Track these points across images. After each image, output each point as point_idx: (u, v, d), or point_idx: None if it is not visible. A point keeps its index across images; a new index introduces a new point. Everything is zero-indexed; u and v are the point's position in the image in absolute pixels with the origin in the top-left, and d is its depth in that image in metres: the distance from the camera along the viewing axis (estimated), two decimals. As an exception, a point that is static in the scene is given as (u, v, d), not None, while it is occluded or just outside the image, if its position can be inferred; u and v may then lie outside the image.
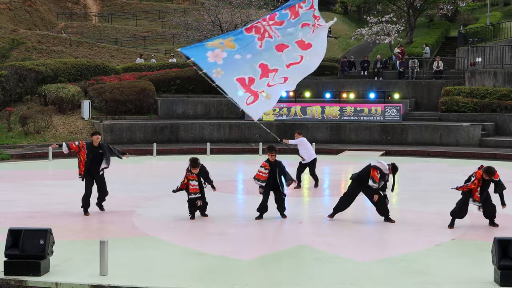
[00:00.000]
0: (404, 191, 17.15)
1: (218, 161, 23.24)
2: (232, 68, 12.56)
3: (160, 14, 55.48)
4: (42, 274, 8.75)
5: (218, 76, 12.45)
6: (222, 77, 12.45)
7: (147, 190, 16.61)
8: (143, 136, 28.97)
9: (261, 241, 11.48)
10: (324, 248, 10.62)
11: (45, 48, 40.34)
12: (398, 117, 29.59)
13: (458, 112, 30.34)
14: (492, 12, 46.30)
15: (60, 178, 19.14)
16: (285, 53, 12.87)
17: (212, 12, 36.03)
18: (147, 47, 46.42)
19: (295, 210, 13.86)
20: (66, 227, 12.02)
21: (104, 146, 13.47)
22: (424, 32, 46.44)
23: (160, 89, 33.22)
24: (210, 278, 8.84)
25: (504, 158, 24.14)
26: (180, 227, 12.35)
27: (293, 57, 12.91)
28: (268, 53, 12.82)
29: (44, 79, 31.91)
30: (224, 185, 17.86)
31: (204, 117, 31.82)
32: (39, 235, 8.87)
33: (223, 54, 12.57)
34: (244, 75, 12.59)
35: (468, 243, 11.13)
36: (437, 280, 8.70)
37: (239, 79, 12.56)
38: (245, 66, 12.63)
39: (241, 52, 12.68)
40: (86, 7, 56.02)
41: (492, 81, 32.23)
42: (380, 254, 10.28)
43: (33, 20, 48.11)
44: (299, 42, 12.97)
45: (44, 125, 28.90)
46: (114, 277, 8.68)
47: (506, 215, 13.49)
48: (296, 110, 30.20)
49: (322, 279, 8.80)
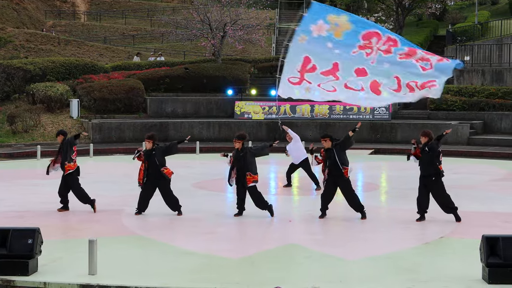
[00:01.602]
0: (392, 189, 17.23)
1: (208, 159, 23.21)
2: (313, 45, 12.48)
3: (149, 12, 55.28)
4: (31, 274, 8.71)
5: (300, 42, 12.43)
6: (299, 45, 12.38)
7: (136, 189, 16.51)
8: (132, 135, 28.87)
9: (250, 239, 11.48)
10: (314, 246, 10.63)
11: (33, 46, 40.12)
12: (387, 115, 29.67)
13: (447, 111, 30.45)
14: (480, 11, 46.49)
15: (48, 177, 18.99)
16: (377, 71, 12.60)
17: (201, 11, 35.91)
18: (136, 46, 46.25)
19: (285, 208, 13.87)
20: (55, 226, 11.97)
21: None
22: (413, 30, 46.54)
23: (149, 87, 33.11)
24: (199, 277, 8.83)
25: (492, 157, 24.26)
26: (169, 226, 12.33)
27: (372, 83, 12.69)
28: (353, 61, 12.64)
29: (32, 77, 31.72)
30: (213, 184, 17.86)
31: (193, 116, 31.75)
32: (27, 234, 8.82)
33: (324, 32, 12.47)
34: (313, 59, 12.48)
35: (456, 241, 11.18)
36: (426, 278, 8.74)
37: (306, 58, 12.47)
38: (323, 54, 12.55)
39: (337, 44, 12.55)
40: (75, 6, 55.71)
41: (480, 79, 32.39)
42: (369, 252, 10.31)
43: (21, 18, 47.82)
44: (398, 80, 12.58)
45: (33, 124, 28.75)
46: (103, 277, 8.66)
47: (493, 213, 13.58)
48: (285, 108, 30.21)
49: (311, 277, 8.81)
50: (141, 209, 13.09)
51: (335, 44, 12.58)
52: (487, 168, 21.10)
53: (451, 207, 12.39)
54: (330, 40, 12.53)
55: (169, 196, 12.96)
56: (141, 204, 13.09)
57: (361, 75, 12.59)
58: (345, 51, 12.60)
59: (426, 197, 12.42)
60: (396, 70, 12.46)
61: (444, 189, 12.33)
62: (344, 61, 12.63)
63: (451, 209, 12.41)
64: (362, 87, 12.65)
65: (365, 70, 12.60)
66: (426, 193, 12.39)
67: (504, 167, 21.68)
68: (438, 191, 12.30)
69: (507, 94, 30.09)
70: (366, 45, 12.50)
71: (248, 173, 12.54)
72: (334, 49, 12.57)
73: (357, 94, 12.76)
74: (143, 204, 13.08)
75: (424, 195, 12.41)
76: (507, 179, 18.89)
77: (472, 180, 18.24)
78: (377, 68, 12.51)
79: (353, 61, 12.62)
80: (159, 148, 13.03)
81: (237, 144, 12.71)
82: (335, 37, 12.54)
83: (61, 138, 13.61)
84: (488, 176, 19.38)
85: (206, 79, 33.67)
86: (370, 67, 12.57)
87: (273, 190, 16.90)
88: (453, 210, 12.42)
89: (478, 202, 14.62)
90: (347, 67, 12.62)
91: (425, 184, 12.37)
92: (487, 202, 14.94)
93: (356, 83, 12.62)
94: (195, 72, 33.84)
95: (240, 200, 12.89)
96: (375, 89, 12.54)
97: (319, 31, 12.44)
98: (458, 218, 12.37)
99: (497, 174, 19.93)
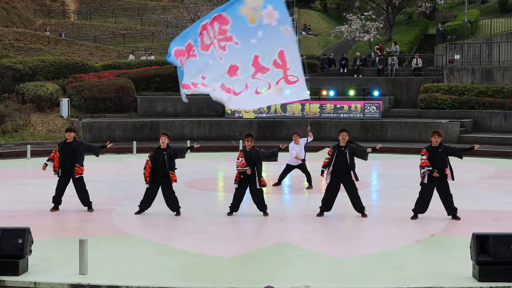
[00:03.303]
0: (383, 188, 17.26)
1: (199, 158, 23.18)
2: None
3: (139, 11, 55.17)
4: (21, 274, 8.66)
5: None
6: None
7: (127, 188, 16.53)
8: (123, 134, 28.81)
9: (241, 238, 11.47)
10: (305, 245, 10.64)
11: (23, 45, 39.92)
12: (377, 114, 29.73)
13: (437, 109, 30.57)
14: (469, 9, 46.69)
15: (38, 176, 18.95)
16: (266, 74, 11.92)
17: (191, 10, 35.93)
18: (126, 45, 46.13)
19: (276, 207, 13.87)
20: (45, 226, 11.91)
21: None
22: (403, 29, 46.67)
23: (140, 86, 33.05)
24: (191, 276, 8.82)
25: (482, 155, 24.34)
26: (159, 225, 12.30)
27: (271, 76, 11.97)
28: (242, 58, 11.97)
29: (22, 77, 31.58)
30: (204, 183, 17.85)
31: (184, 115, 31.71)
32: (17, 234, 8.78)
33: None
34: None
35: (447, 239, 11.21)
36: (417, 276, 8.76)
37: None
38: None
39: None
40: (64, 5, 55.48)
41: (470, 78, 32.51)
42: (360, 250, 10.33)
43: (10, 17, 47.56)
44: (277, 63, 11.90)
45: (22, 124, 28.62)
46: (94, 276, 8.63)
47: (483, 211, 13.63)
48: (276, 107, 30.22)
49: (302, 276, 8.81)
50: (144, 208, 13.04)
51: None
52: (477, 166, 21.18)
53: (451, 207, 12.47)
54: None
55: (171, 196, 12.93)
56: (144, 204, 13.04)
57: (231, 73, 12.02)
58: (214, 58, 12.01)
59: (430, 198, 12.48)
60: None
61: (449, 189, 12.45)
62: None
63: (451, 209, 12.48)
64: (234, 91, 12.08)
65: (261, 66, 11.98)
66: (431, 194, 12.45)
67: (493, 165, 21.79)
68: (445, 190, 12.40)
69: (497, 92, 30.24)
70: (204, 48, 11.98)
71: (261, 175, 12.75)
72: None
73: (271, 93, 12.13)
74: (147, 204, 13.04)
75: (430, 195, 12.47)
76: (497, 177, 18.98)
77: (462, 178, 18.27)
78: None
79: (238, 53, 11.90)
80: (170, 148, 12.96)
81: (248, 142, 12.70)
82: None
83: (73, 135, 13.43)
84: (478, 174, 19.46)
85: (196, 78, 33.57)
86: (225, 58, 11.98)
87: (265, 189, 16.86)
88: (452, 210, 12.49)
89: (468, 200, 14.68)
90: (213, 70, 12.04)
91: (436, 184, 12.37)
92: (477, 200, 15.00)
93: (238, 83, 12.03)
94: (186, 71, 33.73)
95: (240, 201, 12.92)
96: (233, 72, 12.06)
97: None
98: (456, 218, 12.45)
99: (487, 172, 20.02)
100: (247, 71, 11.91)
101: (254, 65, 11.88)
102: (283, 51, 11.79)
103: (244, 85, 11.98)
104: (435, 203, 12.53)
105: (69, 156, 13.15)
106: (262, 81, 11.95)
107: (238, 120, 30.04)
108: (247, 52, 11.87)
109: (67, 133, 13.43)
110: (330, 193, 12.79)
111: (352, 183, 12.64)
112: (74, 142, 13.34)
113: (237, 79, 11.98)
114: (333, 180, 12.66)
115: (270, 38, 11.75)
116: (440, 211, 12.60)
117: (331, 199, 12.79)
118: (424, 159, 12.25)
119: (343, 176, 12.55)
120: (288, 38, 11.75)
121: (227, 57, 11.88)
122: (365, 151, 12.66)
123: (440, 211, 12.61)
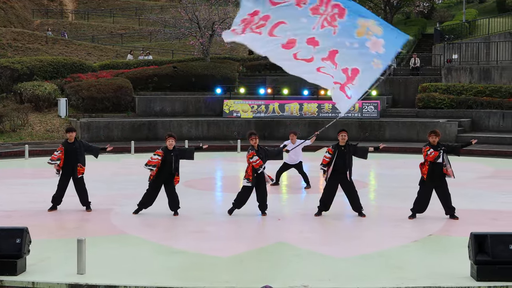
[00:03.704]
0: (381, 187, 17.28)
1: (197, 158, 23.10)
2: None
3: (137, 11, 55.15)
4: (19, 274, 8.66)
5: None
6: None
7: (125, 188, 16.52)
8: (121, 134, 28.80)
9: (240, 238, 11.47)
10: (303, 244, 10.64)
11: (21, 45, 39.88)
12: (375, 113, 29.76)
13: (435, 109, 30.59)
14: (467, 9, 46.72)
15: (36, 176, 18.95)
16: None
17: (189, 10, 35.86)
18: (124, 45, 46.09)
19: (274, 207, 13.87)
20: (43, 226, 11.90)
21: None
22: (401, 29, 46.43)
23: (138, 86, 33.03)
24: (189, 276, 8.82)
25: (480, 154, 24.39)
26: (158, 225, 12.30)
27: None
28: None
29: (19, 76, 31.56)
30: (202, 183, 17.85)
31: (182, 115, 31.70)
32: (15, 234, 8.77)
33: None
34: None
35: (445, 239, 11.22)
36: (415, 276, 8.76)
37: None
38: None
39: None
40: (62, 4, 55.45)
41: (468, 77, 32.54)
42: (358, 250, 10.33)
43: (8, 17, 47.52)
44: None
45: (20, 123, 28.60)
46: (92, 276, 8.62)
47: (481, 210, 13.64)
48: (274, 107, 30.23)
49: (300, 275, 8.81)
50: (143, 207, 13.04)
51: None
52: (475, 165, 21.20)
53: (450, 206, 12.48)
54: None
55: (173, 195, 12.93)
56: (144, 204, 13.03)
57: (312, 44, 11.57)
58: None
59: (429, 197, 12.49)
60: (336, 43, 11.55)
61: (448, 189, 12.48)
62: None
63: (449, 208, 12.49)
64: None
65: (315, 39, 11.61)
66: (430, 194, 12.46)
67: (491, 164, 21.81)
68: (444, 190, 12.43)
69: (495, 92, 30.28)
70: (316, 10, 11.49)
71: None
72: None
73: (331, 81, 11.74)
74: (147, 204, 13.03)
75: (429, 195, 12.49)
76: (495, 177, 19.00)
77: (460, 178, 18.28)
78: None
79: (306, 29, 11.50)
80: (178, 150, 12.97)
81: (254, 140, 12.69)
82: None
83: (74, 135, 13.42)
84: (476, 173, 19.47)
85: (194, 78, 33.64)
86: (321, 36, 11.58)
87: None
88: (450, 209, 12.50)
89: (466, 199, 14.69)
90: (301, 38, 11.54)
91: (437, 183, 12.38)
92: (475, 199, 15.02)
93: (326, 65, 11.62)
94: (184, 71, 33.78)
95: (244, 200, 12.93)
96: (311, 42, 11.85)
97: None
98: (454, 217, 12.46)
99: (485, 172, 20.04)
100: (321, 53, 11.71)
101: (329, 54, 11.66)
102: (359, 71, 11.58)
103: (310, 58, 11.76)
104: (432, 203, 12.54)
105: (72, 156, 13.18)
106: (327, 68, 11.77)
107: (236, 120, 30.05)
108: (334, 43, 11.67)
109: (68, 134, 13.44)
110: (329, 192, 12.80)
111: (351, 183, 12.66)
112: (76, 142, 13.37)
113: (309, 50, 11.70)
114: (331, 180, 12.67)
115: (358, 55, 11.50)
116: (438, 211, 12.62)
117: (329, 198, 12.80)
118: (431, 151, 12.18)
119: (342, 176, 12.56)
120: (373, 70, 11.48)
121: (318, 32, 11.61)
122: (366, 150, 12.66)
123: (438, 210, 12.62)
